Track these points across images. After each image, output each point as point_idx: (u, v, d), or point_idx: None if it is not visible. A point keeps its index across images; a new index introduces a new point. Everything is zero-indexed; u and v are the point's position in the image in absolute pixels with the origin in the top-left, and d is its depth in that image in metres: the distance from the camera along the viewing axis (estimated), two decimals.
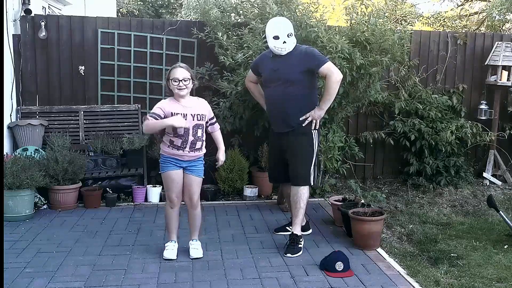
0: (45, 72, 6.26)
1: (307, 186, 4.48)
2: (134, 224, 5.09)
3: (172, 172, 4.10)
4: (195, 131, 4.05)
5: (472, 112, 6.98)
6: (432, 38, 7.05)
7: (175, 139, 4.04)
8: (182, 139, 4.03)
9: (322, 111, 4.41)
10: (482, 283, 3.88)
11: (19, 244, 4.49)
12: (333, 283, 3.77)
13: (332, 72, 4.27)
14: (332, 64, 4.34)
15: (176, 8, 20.27)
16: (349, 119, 6.72)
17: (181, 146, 4.04)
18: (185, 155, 4.08)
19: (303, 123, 4.41)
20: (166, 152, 4.12)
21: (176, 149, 4.06)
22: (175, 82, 4.01)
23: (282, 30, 4.36)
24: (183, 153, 4.06)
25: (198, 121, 4.06)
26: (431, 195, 6.37)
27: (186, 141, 4.03)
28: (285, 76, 4.38)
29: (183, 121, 3.97)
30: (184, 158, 4.10)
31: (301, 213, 4.46)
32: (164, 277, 3.83)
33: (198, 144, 4.10)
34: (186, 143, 4.04)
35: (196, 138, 4.06)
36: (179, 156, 4.08)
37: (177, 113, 4.00)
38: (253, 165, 6.34)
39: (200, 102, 4.18)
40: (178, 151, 4.06)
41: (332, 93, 4.33)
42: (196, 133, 4.06)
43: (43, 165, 5.45)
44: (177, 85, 4.00)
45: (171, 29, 6.42)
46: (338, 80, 4.29)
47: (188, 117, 4.02)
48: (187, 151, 4.06)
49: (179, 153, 4.06)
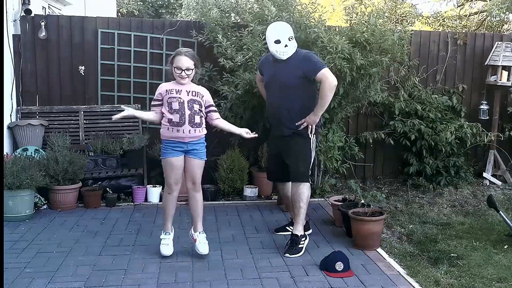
0: (45, 72, 6.26)
1: (307, 185, 4.48)
2: (134, 224, 5.09)
3: (172, 159, 4.11)
4: (190, 105, 4.05)
5: (472, 112, 6.99)
6: (432, 38, 7.05)
7: (173, 116, 4.03)
8: (179, 114, 4.02)
9: (316, 116, 4.40)
10: (482, 283, 3.88)
11: (19, 244, 4.49)
12: (333, 283, 3.77)
13: (326, 78, 4.25)
14: (328, 70, 4.31)
15: (176, 8, 20.27)
16: (349, 119, 6.72)
17: (180, 121, 4.02)
18: (186, 136, 4.05)
19: (299, 128, 4.42)
20: (166, 136, 4.10)
21: (176, 127, 4.03)
22: (177, 70, 4.04)
23: (283, 34, 4.36)
24: (183, 134, 4.04)
25: (193, 97, 4.08)
26: (431, 195, 6.37)
27: (183, 115, 4.02)
28: (283, 81, 4.40)
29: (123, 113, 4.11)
30: (185, 140, 4.07)
31: (302, 213, 4.45)
32: (164, 277, 3.84)
33: (197, 118, 4.08)
34: (183, 117, 4.02)
35: (193, 112, 4.06)
36: (179, 138, 4.05)
37: (171, 89, 4.07)
38: (253, 165, 6.35)
39: (199, 86, 4.22)
40: (178, 132, 4.03)
41: (326, 99, 4.31)
42: (193, 108, 4.06)
43: (43, 165, 5.45)
44: (179, 74, 4.04)
45: (171, 30, 6.42)
46: (332, 87, 4.27)
47: (183, 92, 4.06)
48: (188, 128, 4.03)
49: (179, 134, 4.04)
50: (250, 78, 5.50)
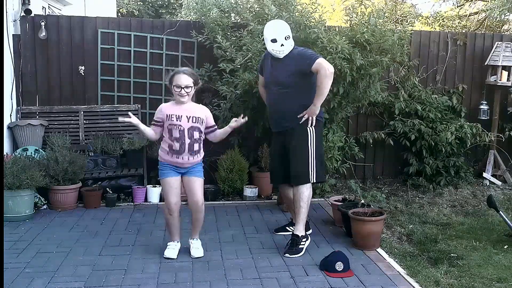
0: (45, 72, 6.26)
1: (307, 185, 4.47)
2: (134, 224, 5.09)
3: (172, 179, 4.13)
4: (190, 134, 4.07)
5: (472, 112, 6.99)
6: (432, 38, 7.05)
7: (173, 143, 4.05)
8: (179, 142, 4.04)
9: (315, 107, 4.36)
10: (482, 283, 3.88)
11: (19, 244, 4.49)
12: (333, 284, 3.77)
13: (321, 66, 4.20)
14: (323, 59, 4.27)
15: (176, 8, 20.26)
16: (349, 119, 6.72)
17: (180, 149, 4.05)
18: (185, 163, 4.10)
19: (299, 122, 4.40)
20: (166, 159, 4.15)
21: (176, 155, 4.07)
22: (177, 88, 4.04)
23: (279, 33, 4.37)
24: (182, 160, 4.08)
25: (194, 123, 4.08)
26: (431, 195, 6.37)
27: (183, 144, 4.04)
28: (280, 79, 4.41)
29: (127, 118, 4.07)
30: (184, 166, 4.13)
31: (302, 212, 4.44)
32: (164, 277, 3.84)
33: (196, 146, 4.11)
34: (183, 146, 4.05)
35: (193, 140, 4.08)
36: (179, 164, 4.11)
37: (172, 114, 4.04)
38: (253, 165, 6.34)
39: (199, 107, 4.21)
40: (177, 158, 4.07)
41: (324, 87, 4.24)
42: (193, 136, 4.07)
43: (43, 165, 5.45)
44: (178, 92, 4.04)
45: (171, 30, 6.42)
46: (327, 74, 4.19)
47: (183, 118, 4.05)
48: (187, 156, 4.07)
49: (179, 161, 4.09)
50: (250, 78, 5.50)
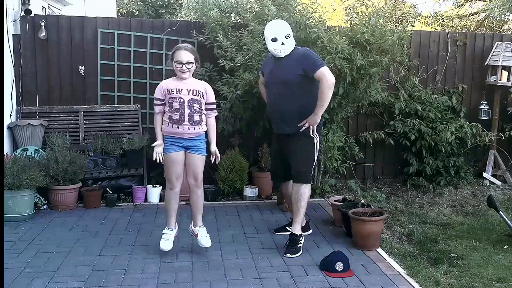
0: (45, 72, 6.26)
1: (309, 185, 4.49)
2: (134, 224, 5.09)
3: (173, 154, 4.17)
4: (190, 105, 4.11)
5: (472, 112, 6.99)
6: (432, 38, 7.05)
7: (173, 114, 4.10)
8: (179, 112, 4.08)
9: (316, 116, 4.37)
10: (482, 283, 3.88)
11: (19, 244, 4.49)
12: (333, 284, 3.77)
13: (324, 76, 4.23)
14: (326, 69, 4.29)
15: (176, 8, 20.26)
16: (349, 119, 6.72)
17: (180, 119, 4.09)
18: (186, 132, 4.12)
19: (301, 128, 4.41)
20: (167, 132, 4.18)
21: (176, 125, 4.10)
22: (178, 64, 4.08)
23: (279, 32, 4.37)
24: (183, 130, 4.11)
25: (194, 96, 4.12)
26: (431, 195, 6.37)
27: (183, 114, 4.08)
28: (282, 78, 4.41)
29: (159, 145, 4.19)
30: (184, 136, 4.14)
31: (302, 212, 4.46)
32: (164, 277, 3.84)
33: (197, 116, 4.15)
34: (183, 115, 4.09)
35: (193, 111, 4.12)
36: (179, 134, 4.13)
37: (172, 88, 4.09)
38: (253, 165, 6.35)
39: (200, 82, 4.24)
40: (178, 128, 4.11)
41: (325, 98, 4.28)
42: (192, 107, 4.11)
43: (43, 165, 5.45)
44: (180, 68, 4.08)
45: (171, 30, 6.42)
46: (330, 85, 4.25)
47: (183, 91, 4.09)
48: (187, 126, 4.10)
49: (179, 131, 4.12)
50: (250, 78, 5.50)
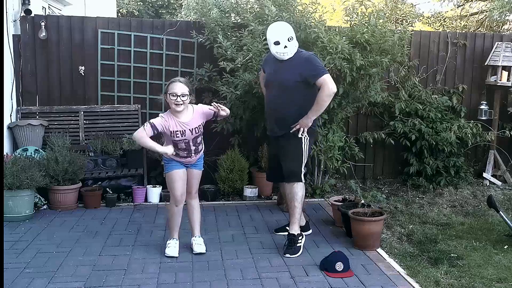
0: (45, 72, 6.26)
1: (301, 184, 4.48)
2: (134, 225, 5.09)
3: (179, 171, 4.23)
4: (195, 141, 4.22)
5: (472, 113, 6.98)
6: (432, 38, 7.05)
7: (180, 151, 4.19)
8: (186, 151, 4.20)
9: (309, 119, 4.37)
10: (482, 283, 3.88)
11: (19, 244, 4.49)
12: (333, 284, 3.77)
13: (326, 84, 4.23)
14: (329, 77, 4.29)
15: (176, 9, 20.28)
16: (349, 120, 6.72)
17: (187, 155, 4.22)
18: (193, 160, 4.29)
19: (291, 130, 4.41)
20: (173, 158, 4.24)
21: (183, 158, 4.23)
22: (173, 96, 4.06)
23: (282, 35, 4.36)
24: (190, 159, 4.27)
25: (197, 134, 4.21)
26: (431, 195, 6.37)
27: (190, 151, 4.21)
28: (282, 80, 4.40)
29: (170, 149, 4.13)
30: (190, 162, 4.28)
31: (297, 212, 4.46)
32: (164, 277, 3.84)
33: (200, 146, 4.31)
34: (190, 152, 4.22)
35: (197, 145, 4.25)
36: (187, 162, 4.27)
37: (177, 130, 4.11)
38: (253, 165, 6.34)
39: (195, 113, 4.19)
40: (186, 159, 4.24)
41: (322, 104, 4.30)
42: (196, 142, 4.23)
43: (43, 166, 5.45)
44: (174, 100, 4.06)
45: (171, 30, 6.42)
46: (330, 94, 4.26)
47: (187, 132, 4.14)
48: (194, 156, 4.26)
49: (187, 160, 4.26)
50: (250, 78, 5.50)
